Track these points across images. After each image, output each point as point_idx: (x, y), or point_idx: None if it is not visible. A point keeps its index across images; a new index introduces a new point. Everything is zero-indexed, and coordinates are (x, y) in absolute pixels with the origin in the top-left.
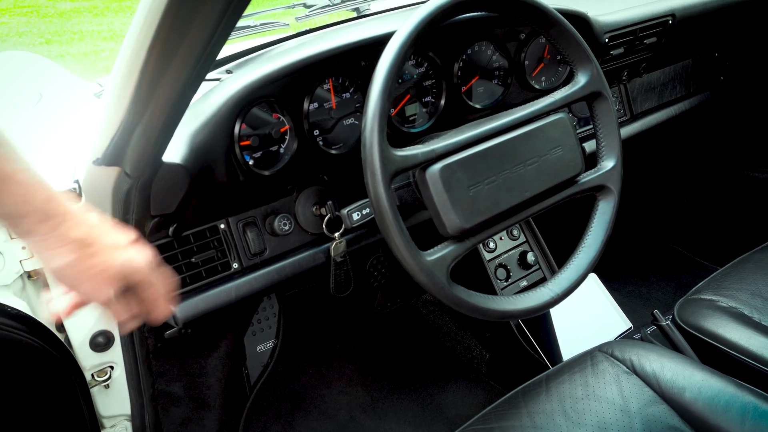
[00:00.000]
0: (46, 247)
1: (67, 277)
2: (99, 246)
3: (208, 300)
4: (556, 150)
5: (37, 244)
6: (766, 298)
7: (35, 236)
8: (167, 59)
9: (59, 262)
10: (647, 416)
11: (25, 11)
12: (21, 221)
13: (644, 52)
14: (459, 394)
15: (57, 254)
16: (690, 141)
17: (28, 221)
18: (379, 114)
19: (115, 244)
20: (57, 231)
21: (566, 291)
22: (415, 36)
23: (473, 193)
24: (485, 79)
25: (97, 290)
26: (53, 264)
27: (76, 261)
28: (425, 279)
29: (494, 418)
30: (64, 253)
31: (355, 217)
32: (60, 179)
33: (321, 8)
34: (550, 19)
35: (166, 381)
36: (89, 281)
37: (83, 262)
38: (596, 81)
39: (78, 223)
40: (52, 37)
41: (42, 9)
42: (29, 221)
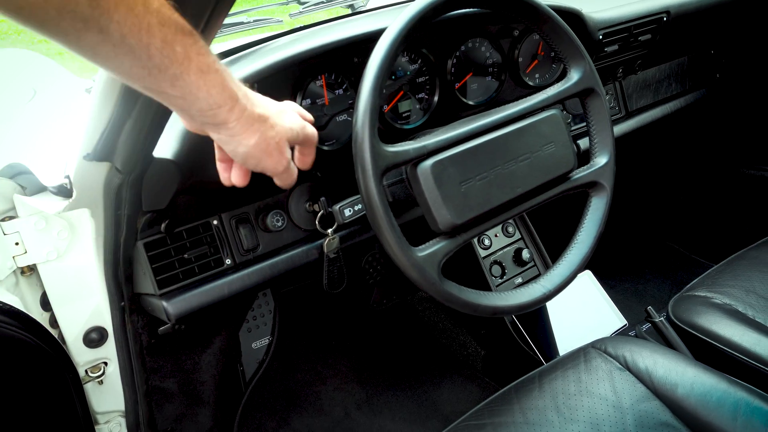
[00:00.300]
0: (237, 132)
1: (255, 155)
2: (273, 116)
3: (201, 296)
4: (548, 146)
5: (230, 131)
6: (760, 295)
7: (230, 123)
8: None
9: (251, 142)
10: (639, 412)
11: None
12: (220, 110)
13: (639, 49)
14: (454, 390)
15: (247, 136)
16: (686, 138)
17: (225, 108)
18: (369, 110)
19: (280, 110)
20: (246, 112)
21: (558, 287)
22: (405, 33)
23: (465, 189)
24: (479, 75)
25: (280, 158)
26: (245, 146)
27: (263, 136)
28: (416, 275)
29: (487, 414)
30: (252, 132)
31: (347, 213)
32: (52, 175)
33: (315, 5)
34: (542, 16)
35: (160, 377)
36: (274, 152)
37: (267, 135)
38: (589, 77)
39: (255, 100)
40: None
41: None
42: (226, 108)
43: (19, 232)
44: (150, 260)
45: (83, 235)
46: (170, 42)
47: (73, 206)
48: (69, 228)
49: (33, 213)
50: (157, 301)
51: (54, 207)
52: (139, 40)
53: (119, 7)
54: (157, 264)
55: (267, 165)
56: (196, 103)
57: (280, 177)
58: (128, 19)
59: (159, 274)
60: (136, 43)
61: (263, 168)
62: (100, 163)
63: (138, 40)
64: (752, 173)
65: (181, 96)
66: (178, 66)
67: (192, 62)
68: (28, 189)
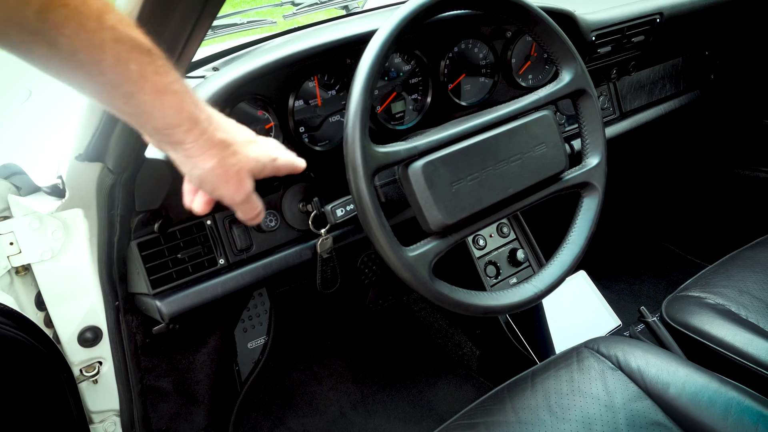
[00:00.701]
0: (193, 153)
1: (210, 180)
2: (237, 144)
3: (195, 296)
4: (539, 147)
5: (186, 152)
6: (753, 296)
7: (186, 144)
8: None
9: (207, 166)
10: (631, 411)
11: None
12: (175, 130)
13: (632, 51)
14: (449, 390)
15: (203, 159)
16: (680, 139)
17: (181, 129)
18: (360, 111)
19: (248, 139)
20: (205, 135)
21: (550, 287)
22: (396, 34)
23: (456, 190)
24: (472, 76)
25: (239, 188)
26: (200, 169)
27: (221, 162)
28: (407, 274)
29: (479, 413)
30: (210, 156)
31: (339, 213)
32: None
33: (308, 6)
34: (533, 17)
35: (155, 376)
36: (232, 180)
37: (226, 162)
38: (580, 78)
39: (220, 125)
40: None
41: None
42: (182, 129)
43: (13, 232)
44: (143, 260)
45: (77, 235)
46: (124, 60)
47: (66, 206)
48: (63, 228)
49: (27, 213)
50: (151, 301)
51: (48, 207)
52: (90, 56)
53: (69, 21)
54: (151, 264)
55: (223, 192)
56: (151, 121)
57: (239, 208)
58: (79, 35)
59: (152, 274)
60: (87, 59)
61: (220, 195)
62: (92, 164)
63: (89, 56)
64: (746, 174)
65: (135, 113)
66: (132, 84)
67: (147, 81)
68: (23, 189)
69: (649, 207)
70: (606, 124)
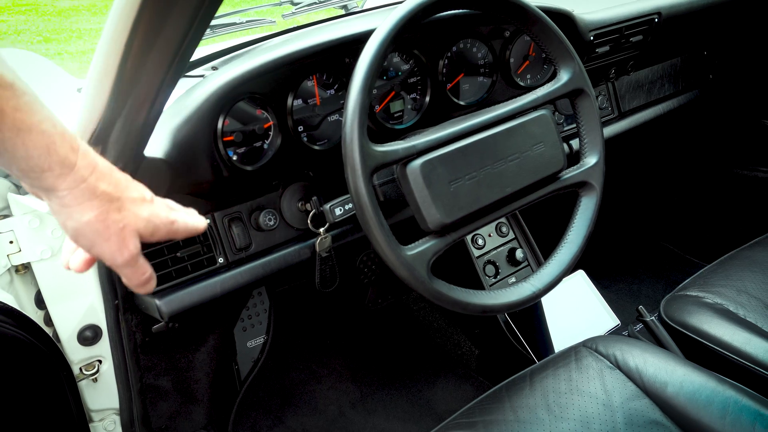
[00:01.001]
0: (68, 203)
1: (87, 235)
2: (125, 200)
3: (194, 294)
4: (537, 146)
5: (59, 201)
6: (751, 295)
7: (59, 191)
8: (144, 56)
9: (83, 218)
10: (629, 410)
11: (24, 9)
12: (44, 175)
13: (631, 50)
14: (448, 389)
15: (81, 210)
16: (679, 139)
17: (51, 174)
18: (359, 110)
19: (141, 198)
20: (83, 184)
21: (547, 286)
22: (394, 33)
23: (454, 189)
24: (471, 76)
25: (120, 247)
26: (75, 221)
27: (101, 216)
28: (405, 273)
29: (478, 412)
30: (89, 208)
31: (338, 212)
32: None
33: (307, 5)
34: (531, 17)
35: (154, 375)
36: (114, 237)
37: (109, 217)
38: (578, 78)
39: (104, 175)
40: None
41: (41, 7)
42: (53, 174)
43: (13, 230)
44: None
45: None
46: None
47: None
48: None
49: (27, 212)
50: (150, 300)
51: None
52: None
53: None
54: (150, 262)
55: (102, 251)
56: (14, 162)
57: (121, 272)
58: None
59: None
60: None
61: (98, 254)
62: None
63: None
64: (745, 173)
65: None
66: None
67: (6, 118)
68: (23, 188)
69: (647, 206)
70: (604, 124)
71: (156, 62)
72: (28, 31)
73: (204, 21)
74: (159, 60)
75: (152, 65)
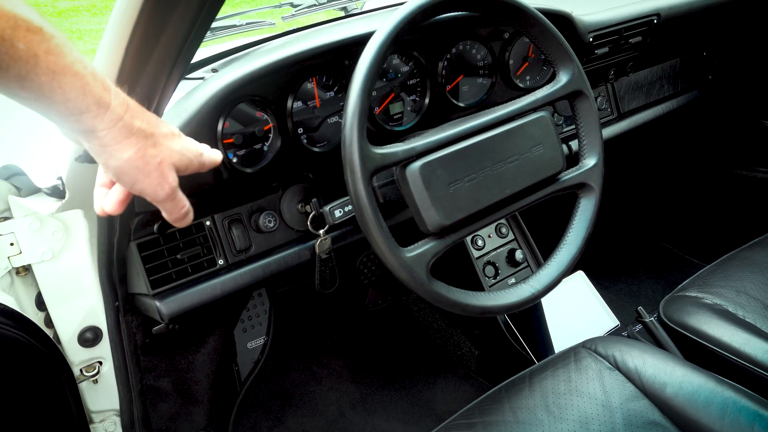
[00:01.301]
0: (108, 142)
1: (130, 172)
2: (158, 135)
3: (194, 296)
4: (537, 148)
5: (99, 141)
6: (750, 296)
7: (98, 132)
8: (144, 58)
9: (124, 156)
10: (628, 411)
11: None
12: (83, 117)
13: (630, 52)
14: (448, 390)
15: (120, 148)
16: (678, 140)
17: (89, 115)
18: (358, 112)
19: (172, 133)
20: (120, 123)
21: (547, 287)
22: (394, 36)
23: (453, 191)
24: (470, 78)
25: (161, 182)
26: (117, 159)
27: (140, 152)
28: (405, 275)
29: (477, 413)
30: (128, 146)
31: (337, 214)
32: (46, 176)
33: (307, 7)
34: (530, 19)
35: (155, 376)
36: (154, 172)
37: (147, 153)
38: (577, 80)
39: (138, 113)
40: None
41: (41, 7)
42: (90, 115)
43: (14, 232)
44: (143, 261)
45: (77, 235)
46: (8, 38)
47: (66, 207)
48: (63, 229)
49: (28, 214)
50: (151, 301)
51: (48, 208)
52: None
53: None
54: (151, 264)
55: (145, 187)
56: (53, 107)
57: (162, 206)
58: None
59: (152, 275)
60: None
61: (141, 190)
62: (92, 165)
63: None
64: (745, 174)
65: (34, 99)
66: (23, 65)
67: (40, 61)
68: (23, 190)
69: (647, 207)
70: (604, 125)
71: (157, 64)
72: None
73: (205, 24)
74: (160, 62)
75: (153, 67)
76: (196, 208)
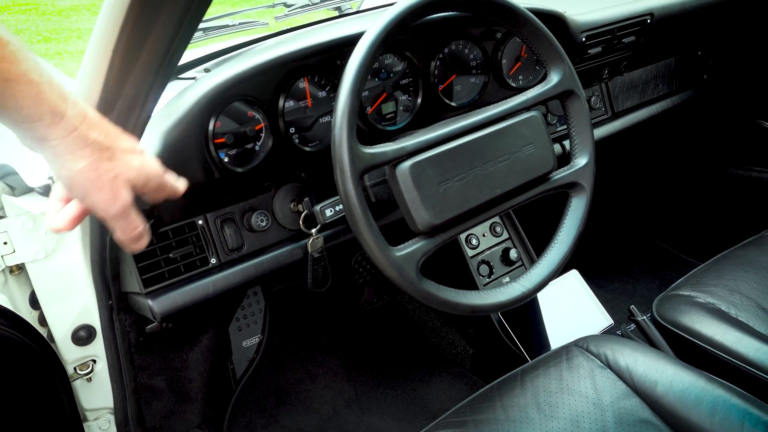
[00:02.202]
0: (60, 152)
1: (81, 184)
2: (116, 149)
3: (186, 294)
4: (527, 147)
5: (52, 150)
6: (743, 294)
7: (51, 141)
8: (131, 59)
9: (76, 167)
10: (619, 409)
11: (24, 9)
12: (35, 125)
13: (623, 51)
14: (442, 388)
15: (73, 159)
16: (673, 139)
17: (42, 125)
18: (348, 112)
19: (131, 148)
20: (74, 133)
21: (537, 286)
22: (383, 36)
23: (443, 190)
24: (463, 77)
25: (113, 197)
26: (69, 169)
27: (94, 164)
28: (394, 274)
29: (469, 411)
30: (81, 157)
31: (328, 213)
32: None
33: (300, 7)
34: (521, 19)
35: (149, 374)
36: (106, 187)
37: (101, 166)
38: (568, 79)
39: (95, 124)
40: (50, 35)
41: (41, 7)
42: (44, 124)
43: (7, 231)
44: (136, 259)
45: (70, 234)
46: None
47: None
48: None
49: (21, 213)
50: (143, 300)
51: (40, 207)
52: None
53: None
54: (143, 263)
55: (96, 200)
56: (5, 113)
57: (114, 223)
58: None
59: (144, 273)
60: None
61: (92, 204)
62: None
63: None
64: (739, 173)
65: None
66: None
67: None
68: (17, 190)
69: (642, 206)
70: (598, 124)
71: (144, 65)
72: (28, 31)
73: (191, 25)
74: (147, 63)
75: (140, 68)
76: (188, 208)
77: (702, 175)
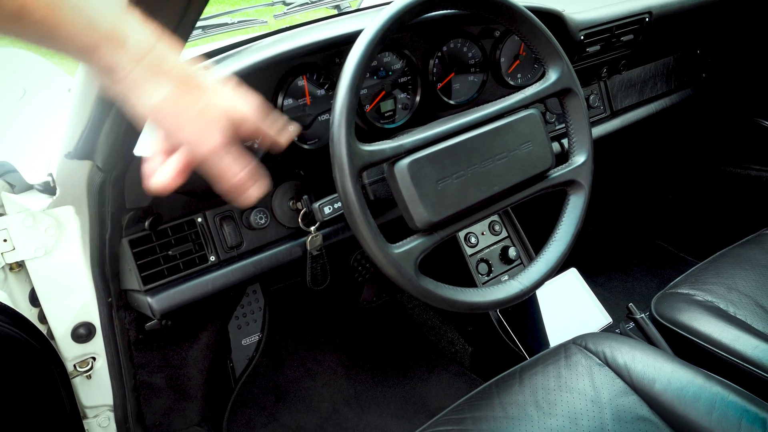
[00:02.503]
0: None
1: (166, 116)
2: (199, 82)
3: (185, 292)
4: (525, 145)
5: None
6: (742, 292)
7: (119, 73)
8: None
9: (157, 96)
10: (617, 406)
11: None
12: (95, 54)
13: (622, 50)
14: (442, 386)
15: (152, 87)
16: (672, 137)
17: (103, 52)
18: (346, 109)
19: (217, 84)
20: (144, 60)
21: (535, 284)
22: (382, 34)
23: (441, 188)
24: (461, 75)
25: (203, 134)
26: (150, 99)
27: (175, 95)
28: (393, 271)
29: (467, 408)
30: (156, 87)
31: (327, 210)
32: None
33: (300, 5)
34: (519, 17)
35: (148, 372)
36: (193, 122)
37: (183, 98)
38: (566, 77)
39: (168, 53)
40: None
41: None
42: (104, 52)
43: (7, 229)
44: (135, 257)
45: (70, 232)
46: None
47: (57, 203)
48: (56, 225)
49: (21, 210)
50: (143, 297)
51: (40, 204)
52: None
53: None
54: (142, 261)
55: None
56: (59, 45)
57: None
58: None
59: (144, 271)
60: None
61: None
62: (81, 162)
63: None
64: (738, 171)
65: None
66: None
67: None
68: (17, 187)
69: (641, 204)
70: (597, 123)
71: None
72: None
73: (188, 23)
74: None
75: None
76: (186, 205)
77: (701, 173)
